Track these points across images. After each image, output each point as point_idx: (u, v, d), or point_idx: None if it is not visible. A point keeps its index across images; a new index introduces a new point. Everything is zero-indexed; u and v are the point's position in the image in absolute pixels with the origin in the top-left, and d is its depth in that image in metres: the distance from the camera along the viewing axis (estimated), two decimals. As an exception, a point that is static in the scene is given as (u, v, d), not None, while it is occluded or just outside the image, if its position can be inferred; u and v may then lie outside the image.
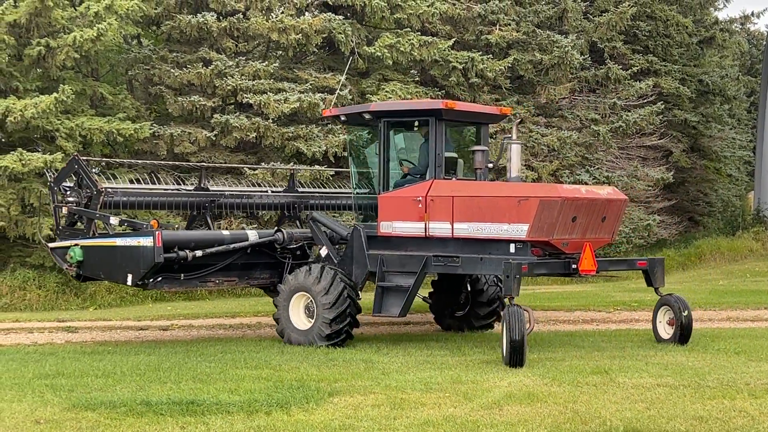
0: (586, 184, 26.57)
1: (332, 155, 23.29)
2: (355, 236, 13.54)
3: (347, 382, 9.98)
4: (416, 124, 13.59)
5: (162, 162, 20.18)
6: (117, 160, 19.07)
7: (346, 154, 14.99)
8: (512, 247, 12.36)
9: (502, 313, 11.97)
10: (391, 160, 13.79)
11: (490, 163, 13.76)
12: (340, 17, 24.03)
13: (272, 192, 16.43)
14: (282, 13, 23.17)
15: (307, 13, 23.72)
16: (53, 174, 14.96)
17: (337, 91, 18.94)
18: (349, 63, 20.74)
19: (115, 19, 20.95)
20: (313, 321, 13.16)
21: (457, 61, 25.23)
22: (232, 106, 23.34)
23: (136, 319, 17.19)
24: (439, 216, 12.87)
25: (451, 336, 14.46)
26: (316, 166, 21.49)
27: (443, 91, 25.94)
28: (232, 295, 21.60)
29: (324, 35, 23.81)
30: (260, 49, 25.35)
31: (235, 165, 21.55)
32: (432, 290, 15.62)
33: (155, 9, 23.07)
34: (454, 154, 13.84)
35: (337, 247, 14.15)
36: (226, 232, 14.60)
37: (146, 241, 12.93)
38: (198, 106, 22.51)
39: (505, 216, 12.34)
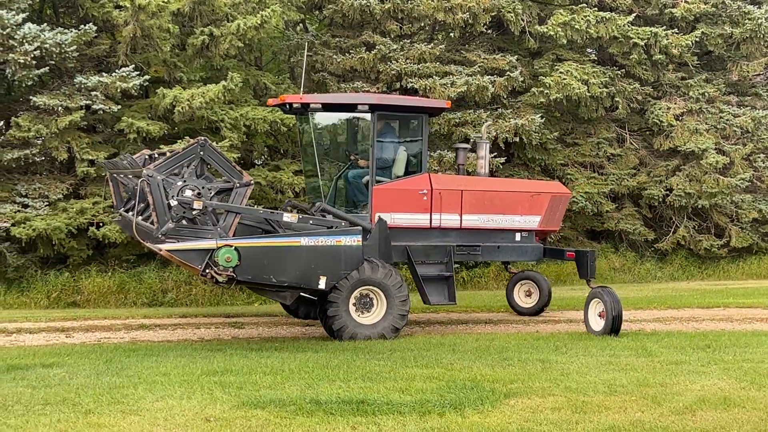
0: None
1: (502, 141, 23.20)
2: (380, 227, 14.35)
3: (524, 383, 9.95)
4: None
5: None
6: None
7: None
8: (518, 236, 15.30)
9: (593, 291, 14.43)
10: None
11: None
12: (510, -6, 23.88)
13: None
14: (448, -9, 23.20)
15: (475, -9, 23.64)
16: (137, 161, 13.34)
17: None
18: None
19: (279, 5, 21.44)
20: (378, 315, 13.74)
21: (638, 38, 24.64)
22: (397, 91, 23.55)
23: (302, 315, 17.58)
24: (446, 208, 14.79)
25: (634, 335, 14.17)
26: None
27: (623, 69, 25.40)
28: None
29: (493, 14, 23.74)
30: (425, 30, 25.49)
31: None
32: None
33: (318, -8, 23.55)
34: (404, 148, 15.18)
35: None
36: None
37: (350, 240, 13.21)
38: (361, 93, 22.80)
39: (518, 209, 15.20)
